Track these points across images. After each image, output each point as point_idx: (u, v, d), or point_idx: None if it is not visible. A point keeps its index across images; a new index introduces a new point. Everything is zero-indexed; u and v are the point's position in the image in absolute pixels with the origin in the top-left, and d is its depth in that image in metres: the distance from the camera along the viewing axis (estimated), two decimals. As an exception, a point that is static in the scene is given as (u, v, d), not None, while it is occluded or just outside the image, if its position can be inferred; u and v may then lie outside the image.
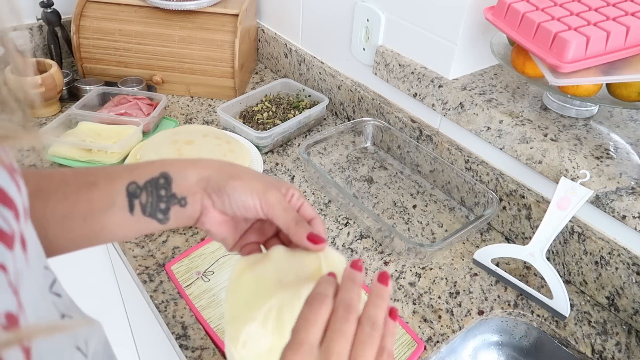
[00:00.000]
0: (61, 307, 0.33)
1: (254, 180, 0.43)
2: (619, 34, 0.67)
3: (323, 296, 0.36)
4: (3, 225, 0.25)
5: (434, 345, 0.67)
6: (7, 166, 0.28)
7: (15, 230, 0.26)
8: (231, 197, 0.42)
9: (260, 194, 0.42)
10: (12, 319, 0.24)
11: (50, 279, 0.33)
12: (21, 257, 0.27)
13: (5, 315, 0.23)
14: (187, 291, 0.70)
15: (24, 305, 0.26)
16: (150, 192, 0.41)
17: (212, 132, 0.93)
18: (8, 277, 0.24)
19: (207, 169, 0.42)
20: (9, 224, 0.26)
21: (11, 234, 0.26)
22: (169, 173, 0.41)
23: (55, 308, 0.32)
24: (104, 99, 1.06)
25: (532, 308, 0.73)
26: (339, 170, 0.97)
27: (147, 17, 1.10)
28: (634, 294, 0.69)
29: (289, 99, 1.11)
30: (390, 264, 0.78)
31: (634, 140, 0.75)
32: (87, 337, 0.35)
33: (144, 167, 0.42)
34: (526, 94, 0.84)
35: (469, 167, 0.86)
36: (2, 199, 0.26)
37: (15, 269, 0.26)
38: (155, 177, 0.41)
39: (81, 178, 0.41)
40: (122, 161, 0.89)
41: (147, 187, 0.41)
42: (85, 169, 0.42)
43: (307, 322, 0.35)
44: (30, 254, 0.29)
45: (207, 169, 0.42)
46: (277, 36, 1.23)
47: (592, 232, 0.72)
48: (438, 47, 0.85)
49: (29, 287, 0.28)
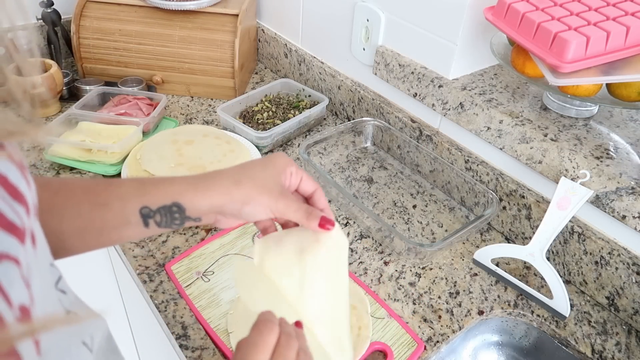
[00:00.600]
0: (66, 304, 0.33)
1: (264, 196, 0.45)
2: (619, 34, 0.67)
3: (271, 323, 0.39)
4: (16, 219, 0.25)
5: (434, 345, 0.67)
6: (17, 163, 0.28)
7: (27, 225, 0.27)
8: (246, 218, 0.46)
9: (272, 207, 0.45)
10: (26, 312, 0.24)
11: (56, 275, 0.34)
12: (31, 251, 0.27)
13: (20, 308, 0.23)
14: (187, 291, 0.70)
15: (34, 299, 0.26)
16: (163, 215, 0.43)
17: (212, 132, 0.93)
18: (21, 271, 0.25)
19: (218, 196, 0.44)
20: (21, 218, 0.26)
21: (22, 229, 0.26)
22: (181, 203, 0.43)
23: (60, 304, 0.32)
24: (104, 99, 1.05)
25: (532, 308, 0.73)
26: (339, 170, 0.97)
27: (147, 17, 1.10)
28: (634, 294, 0.69)
29: (289, 99, 1.11)
30: (390, 264, 0.78)
31: (634, 140, 0.75)
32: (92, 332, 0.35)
33: (155, 192, 0.43)
34: (526, 94, 0.84)
35: (469, 167, 0.86)
36: (14, 194, 0.26)
37: (27, 263, 0.26)
38: (167, 205, 0.43)
39: (92, 198, 0.42)
40: (122, 161, 0.89)
41: (160, 211, 0.43)
42: (93, 185, 0.44)
43: (257, 348, 0.38)
44: (39, 250, 0.29)
45: (218, 196, 0.44)
46: (277, 36, 1.23)
47: (592, 232, 0.72)
48: (438, 47, 0.85)
49: (38, 282, 0.28)
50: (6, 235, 0.24)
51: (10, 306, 0.23)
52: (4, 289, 0.23)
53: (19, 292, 0.24)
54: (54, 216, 0.41)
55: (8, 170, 0.27)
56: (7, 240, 0.24)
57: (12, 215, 0.25)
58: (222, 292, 0.70)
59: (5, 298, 0.22)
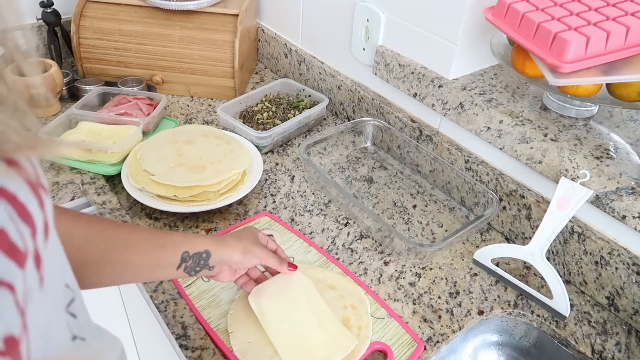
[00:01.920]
0: (74, 328, 0.32)
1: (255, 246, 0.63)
2: (619, 34, 0.67)
3: None
4: (18, 241, 0.24)
5: (434, 345, 0.67)
6: (30, 180, 0.27)
7: (30, 248, 0.26)
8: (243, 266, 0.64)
9: (260, 255, 0.64)
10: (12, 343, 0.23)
11: (69, 297, 0.33)
12: (34, 275, 0.26)
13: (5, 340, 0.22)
14: (187, 291, 0.70)
15: (28, 327, 0.25)
16: (194, 259, 0.58)
17: (212, 132, 0.93)
18: (15, 297, 0.24)
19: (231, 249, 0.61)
20: (24, 240, 0.25)
21: (24, 252, 0.25)
22: (210, 251, 0.59)
23: (67, 329, 0.31)
24: (104, 99, 1.05)
25: (532, 308, 0.73)
26: (339, 170, 0.97)
27: (147, 17, 1.10)
28: (633, 294, 0.69)
29: (289, 99, 1.11)
30: (390, 264, 0.78)
31: (634, 140, 0.75)
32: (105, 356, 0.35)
33: (196, 242, 0.58)
34: (526, 94, 0.84)
35: (469, 167, 0.86)
36: (23, 214, 0.25)
37: (25, 288, 0.25)
38: (200, 252, 0.58)
39: (156, 240, 0.56)
40: (122, 161, 0.89)
41: (194, 257, 0.58)
42: (154, 231, 0.57)
43: None
44: (48, 272, 0.28)
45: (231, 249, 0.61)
46: (277, 36, 1.23)
47: (592, 232, 0.72)
48: (438, 47, 0.85)
49: (40, 306, 0.27)
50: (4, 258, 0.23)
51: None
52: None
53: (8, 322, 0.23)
54: (127, 250, 0.52)
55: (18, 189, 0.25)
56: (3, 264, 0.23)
57: (15, 236, 0.24)
58: (222, 292, 0.70)
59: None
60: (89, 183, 0.87)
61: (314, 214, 0.86)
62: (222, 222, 0.83)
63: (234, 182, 0.85)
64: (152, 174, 0.82)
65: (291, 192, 0.90)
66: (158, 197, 0.81)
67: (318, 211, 0.86)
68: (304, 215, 0.85)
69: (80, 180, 0.87)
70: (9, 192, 0.25)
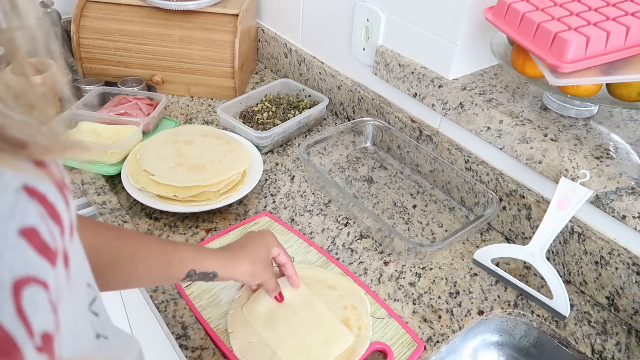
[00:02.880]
0: (97, 327, 0.33)
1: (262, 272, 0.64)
2: (619, 34, 0.67)
3: None
4: (49, 240, 0.25)
5: (434, 345, 0.67)
6: (57, 181, 0.28)
7: (59, 247, 0.26)
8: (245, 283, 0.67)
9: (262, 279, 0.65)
10: (48, 339, 0.24)
11: (91, 296, 0.33)
12: (63, 273, 0.27)
13: (42, 336, 0.23)
14: (187, 291, 0.70)
15: (60, 324, 0.25)
16: (200, 276, 0.58)
17: (212, 132, 0.93)
18: (49, 295, 0.24)
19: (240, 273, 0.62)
20: (55, 239, 0.26)
21: (55, 250, 0.26)
22: (217, 272, 0.59)
23: (92, 327, 0.32)
24: (104, 99, 1.05)
25: (532, 308, 0.73)
26: (339, 170, 0.97)
27: (147, 17, 1.10)
28: (633, 294, 0.69)
29: (289, 99, 1.11)
30: (390, 264, 0.78)
31: (634, 140, 0.75)
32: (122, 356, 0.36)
33: (204, 260, 0.58)
34: (526, 94, 0.84)
35: (469, 167, 0.86)
36: (52, 213, 0.26)
37: (57, 286, 0.26)
38: (208, 272, 0.58)
39: (163, 256, 0.55)
40: (122, 161, 0.89)
41: (200, 275, 0.58)
42: (163, 245, 0.56)
43: None
44: (73, 271, 0.29)
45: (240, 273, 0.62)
46: (277, 36, 1.23)
47: (592, 232, 0.72)
48: (438, 47, 0.85)
49: (68, 304, 0.28)
50: (38, 257, 0.24)
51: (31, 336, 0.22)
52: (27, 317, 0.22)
53: (44, 319, 0.24)
54: (133, 263, 0.53)
55: (47, 189, 0.26)
56: (38, 262, 0.24)
57: (47, 235, 0.25)
58: (222, 292, 0.70)
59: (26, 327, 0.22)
60: (89, 183, 0.87)
61: (314, 214, 0.86)
62: (222, 222, 0.83)
63: (234, 182, 0.85)
64: (152, 174, 0.82)
65: (291, 192, 0.90)
66: (158, 197, 0.81)
67: (318, 211, 0.86)
68: (304, 215, 0.85)
69: (80, 180, 0.87)
70: (39, 193, 0.25)
